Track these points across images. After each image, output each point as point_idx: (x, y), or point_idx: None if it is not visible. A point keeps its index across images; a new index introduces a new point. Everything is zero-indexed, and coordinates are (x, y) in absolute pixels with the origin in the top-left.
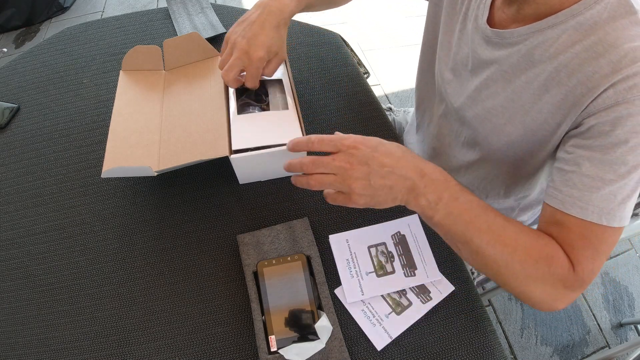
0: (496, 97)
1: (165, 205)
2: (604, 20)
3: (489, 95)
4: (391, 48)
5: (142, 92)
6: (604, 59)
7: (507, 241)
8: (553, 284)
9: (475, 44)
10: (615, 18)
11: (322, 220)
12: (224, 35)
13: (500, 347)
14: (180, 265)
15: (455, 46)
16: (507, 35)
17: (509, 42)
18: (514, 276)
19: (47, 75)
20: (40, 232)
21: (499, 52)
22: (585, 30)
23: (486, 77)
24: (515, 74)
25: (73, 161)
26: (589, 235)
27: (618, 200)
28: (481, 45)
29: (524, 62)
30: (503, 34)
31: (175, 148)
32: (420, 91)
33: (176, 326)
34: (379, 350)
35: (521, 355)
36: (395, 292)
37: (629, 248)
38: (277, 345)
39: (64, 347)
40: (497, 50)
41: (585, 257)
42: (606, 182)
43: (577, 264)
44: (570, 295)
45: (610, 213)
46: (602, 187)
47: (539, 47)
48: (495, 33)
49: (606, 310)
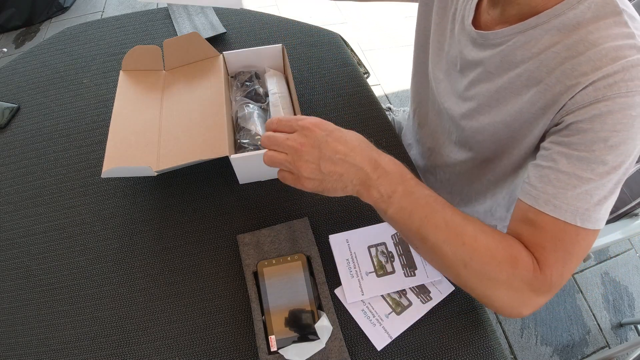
0: (481, 97)
1: (165, 205)
2: (587, 20)
3: (475, 95)
4: (391, 48)
5: (142, 92)
6: (584, 57)
7: (466, 240)
8: (518, 288)
9: (462, 45)
10: (599, 18)
11: (322, 220)
12: (223, 35)
13: (500, 347)
14: (180, 265)
15: (447, 46)
16: (490, 37)
17: (493, 43)
18: (475, 278)
19: (47, 75)
20: (40, 232)
21: (484, 53)
22: (568, 30)
23: (473, 78)
24: (498, 74)
25: (73, 161)
26: (562, 236)
27: (594, 200)
28: (467, 46)
29: (507, 62)
30: (487, 36)
31: (175, 148)
32: (414, 91)
33: (176, 326)
34: (379, 350)
35: (521, 355)
36: (395, 292)
37: (629, 248)
38: (277, 345)
39: (64, 347)
40: (482, 51)
41: (555, 260)
42: (583, 180)
43: (547, 266)
44: (537, 300)
45: (585, 214)
46: (578, 186)
47: (521, 47)
48: (479, 35)
49: (606, 310)
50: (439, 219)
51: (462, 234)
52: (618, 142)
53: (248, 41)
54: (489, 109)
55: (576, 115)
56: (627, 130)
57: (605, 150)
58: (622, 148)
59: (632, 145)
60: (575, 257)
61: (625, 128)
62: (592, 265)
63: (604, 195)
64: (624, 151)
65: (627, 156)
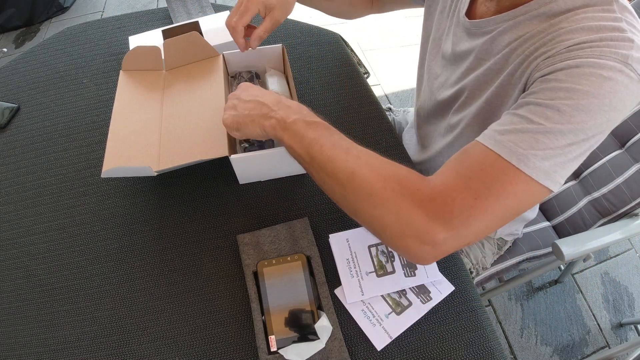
0: (470, 86)
1: (165, 205)
2: (577, 6)
3: (465, 85)
4: (391, 48)
5: (142, 92)
6: (564, 30)
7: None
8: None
9: (457, 37)
10: (588, 5)
11: (322, 220)
12: None
13: (500, 347)
14: (180, 265)
15: (444, 43)
16: (483, 25)
17: (484, 30)
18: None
19: (47, 75)
20: (40, 232)
21: (476, 42)
22: (555, 15)
23: (466, 67)
24: (488, 58)
25: (73, 161)
26: (486, 168)
27: (540, 147)
28: (462, 37)
29: (496, 46)
30: (479, 24)
31: (175, 148)
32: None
33: (176, 326)
34: (379, 350)
35: (521, 355)
36: (395, 292)
37: (629, 248)
38: (277, 345)
39: (64, 347)
40: (475, 40)
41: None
42: (533, 123)
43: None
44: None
45: (524, 155)
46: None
47: (509, 32)
48: (472, 24)
49: (606, 310)
50: (325, 141)
51: (347, 152)
52: (581, 97)
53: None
54: (479, 92)
55: (544, 71)
56: (593, 89)
57: (564, 100)
58: (585, 104)
59: (598, 107)
60: (493, 197)
61: (592, 86)
62: (592, 265)
63: (552, 147)
64: (586, 109)
65: (590, 117)
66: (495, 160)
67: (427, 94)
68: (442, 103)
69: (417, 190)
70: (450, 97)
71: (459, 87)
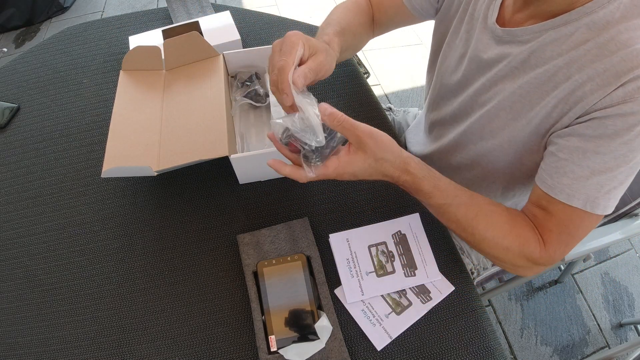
0: (503, 93)
1: (165, 205)
2: (616, 19)
3: (496, 92)
4: (391, 48)
5: (142, 92)
6: (616, 57)
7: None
8: (523, 265)
9: (483, 44)
10: (627, 18)
11: (322, 220)
12: None
13: (500, 347)
14: (180, 265)
15: (462, 48)
16: (519, 33)
17: (521, 39)
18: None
19: (47, 75)
20: (40, 232)
21: (510, 50)
22: (598, 28)
23: (493, 75)
24: (525, 70)
25: (73, 161)
26: (569, 221)
27: (605, 190)
28: (490, 45)
29: (535, 58)
30: (515, 32)
31: (175, 148)
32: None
33: (176, 326)
34: (379, 350)
35: (521, 356)
36: (395, 292)
37: (629, 248)
38: (277, 345)
39: (64, 347)
40: (508, 48)
41: (559, 242)
42: (596, 172)
43: (551, 245)
44: (539, 268)
45: (594, 201)
46: (590, 177)
47: (551, 43)
48: (506, 32)
49: (606, 311)
50: (451, 215)
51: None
52: (633, 138)
53: (248, 41)
54: (512, 105)
55: (602, 112)
56: None
57: (620, 145)
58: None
59: None
60: (577, 238)
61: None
62: (592, 265)
63: (614, 185)
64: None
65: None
66: (573, 211)
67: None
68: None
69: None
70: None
71: (484, 100)
